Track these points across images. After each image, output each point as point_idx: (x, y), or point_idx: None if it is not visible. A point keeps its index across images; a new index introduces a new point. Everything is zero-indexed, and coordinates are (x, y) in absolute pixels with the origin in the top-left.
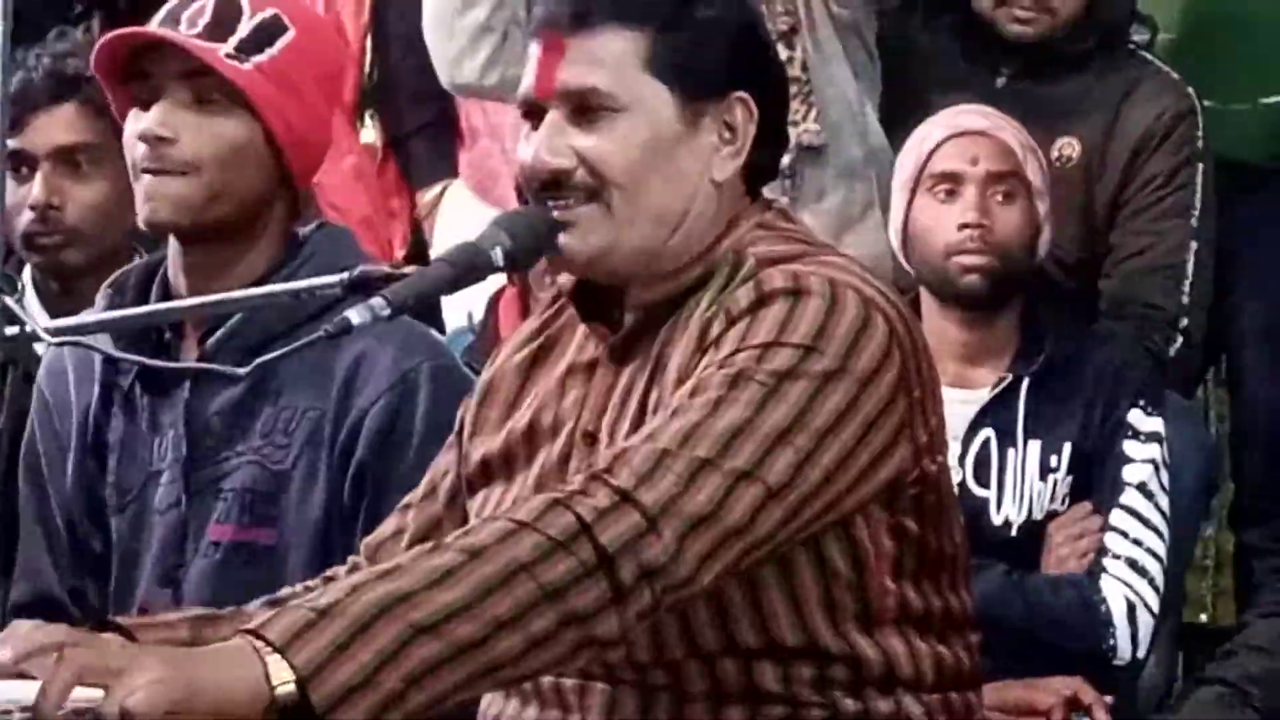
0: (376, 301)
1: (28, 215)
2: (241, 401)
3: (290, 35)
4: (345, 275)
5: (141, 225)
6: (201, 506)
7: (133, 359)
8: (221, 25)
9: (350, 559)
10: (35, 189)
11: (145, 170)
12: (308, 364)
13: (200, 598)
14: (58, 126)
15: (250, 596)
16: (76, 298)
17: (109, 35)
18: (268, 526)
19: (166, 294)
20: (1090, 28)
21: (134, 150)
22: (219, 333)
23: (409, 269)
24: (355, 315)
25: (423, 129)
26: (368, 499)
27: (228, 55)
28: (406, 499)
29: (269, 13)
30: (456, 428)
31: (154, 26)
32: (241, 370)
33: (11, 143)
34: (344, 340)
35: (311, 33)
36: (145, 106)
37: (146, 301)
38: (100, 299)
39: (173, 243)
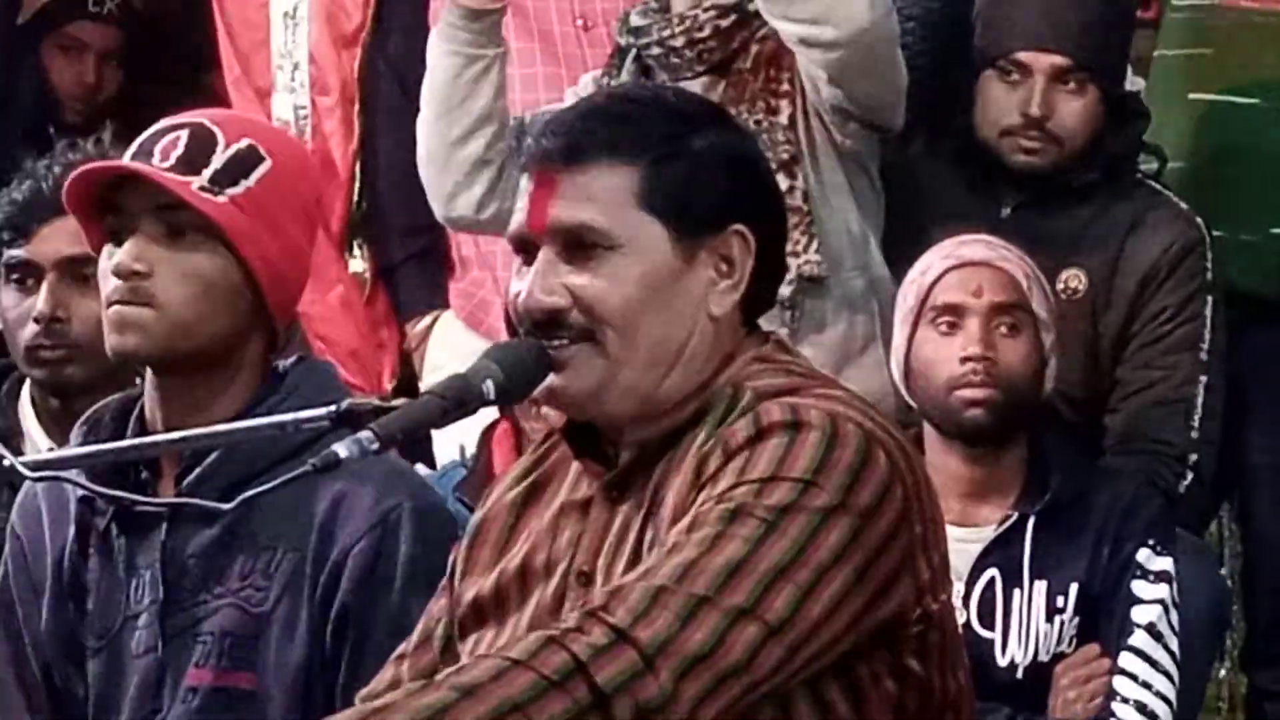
0: (365, 435)
1: (32, 328)
2: (219, 542)
3: (266, 166)
4: (333, 408)
5: (109, 354)
6: (179, 651)
7: (113, 494)
8: (195, 157)
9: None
10: (40, 301)
11: (115, 303)
12: (287, 504)
13: None
14: (65, 237)
15: None
16: (76, 417)
17: (81, 169)
18: (247, 671)
19: (143, 430)
20: (1097, 159)
21: (106, 284)
22: (197, 471)
23: (398, 402)
24: (343, 449)
25: (412, 259)
26: (350, 644)
27: (201, 188)
28: (400, 648)
29: (244, 143)
30: (449, 571)
31: (127, 158)
32: (225, 505)
33: (18, 252)
34: (323, 479)
35: (288, 162)
36: (118, 241)
37: (122, 438)
38: (75, 434)
39: (149, 376)
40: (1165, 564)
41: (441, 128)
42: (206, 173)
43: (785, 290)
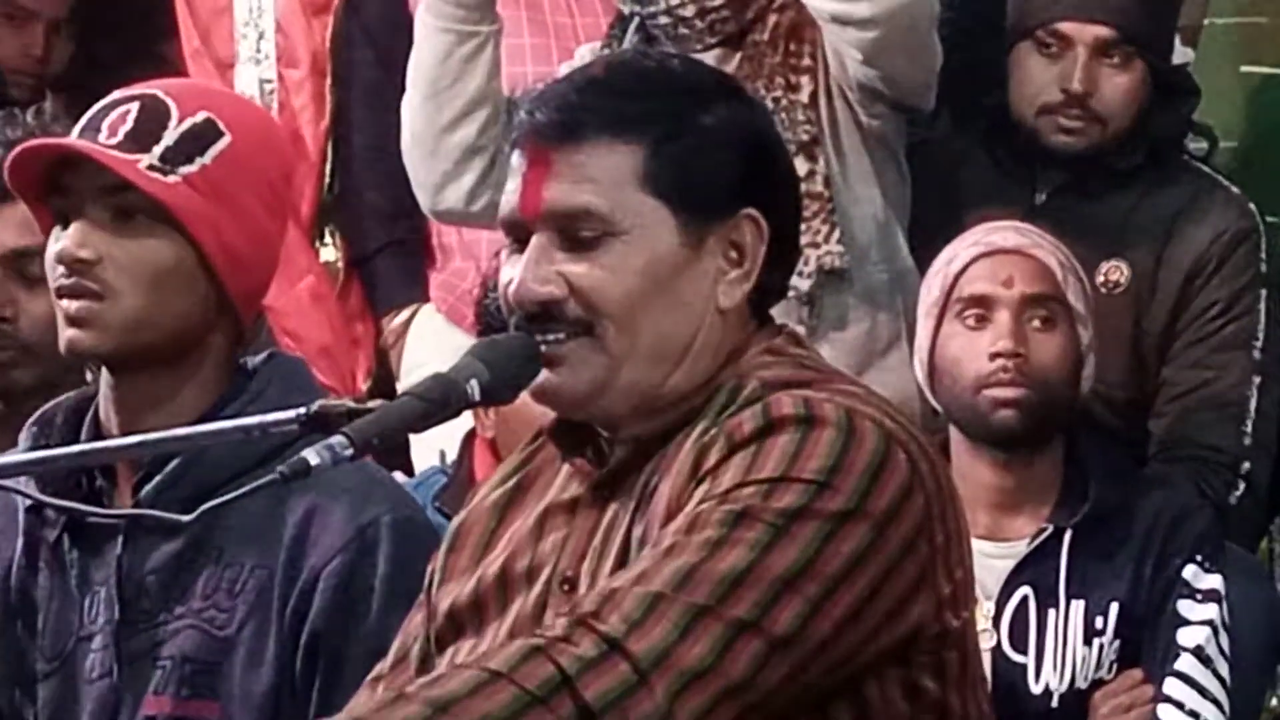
0: (337, 440)
1: None
2: (180, 557)
3: (225, 142)
4: (302, 411)
5: (62, 352)
6: (135, 676)
7: (62, 505)
8: (145, 133)
9: None
10: None
11: (63, 294)
12: (254, 517)
13: None
14: (9, 228)
15: None
16: (21, 423)
17: (20, 148)
18: (210, 699)
19: (98, 434)
20: (1141, 140)
21: (53, 272)
22: (157, 479)
23: (373, 404)
24: (314, 456)
25: (389, 247)
26: (321, 672)
27: (150, 167)
28: (375, 669)
29: (200, 117)
30: (426, 582)
31: (75, 135)
32: (186, 517)
33: None
34: (294, 489)
35: (250, 137)
36: (65, 224)
37: (75, 441)
38: (24, 437)
39: (104, 375)
40: (1214, 582)
41: (430, 111)
42: (157, 150)
43: (804, 284)
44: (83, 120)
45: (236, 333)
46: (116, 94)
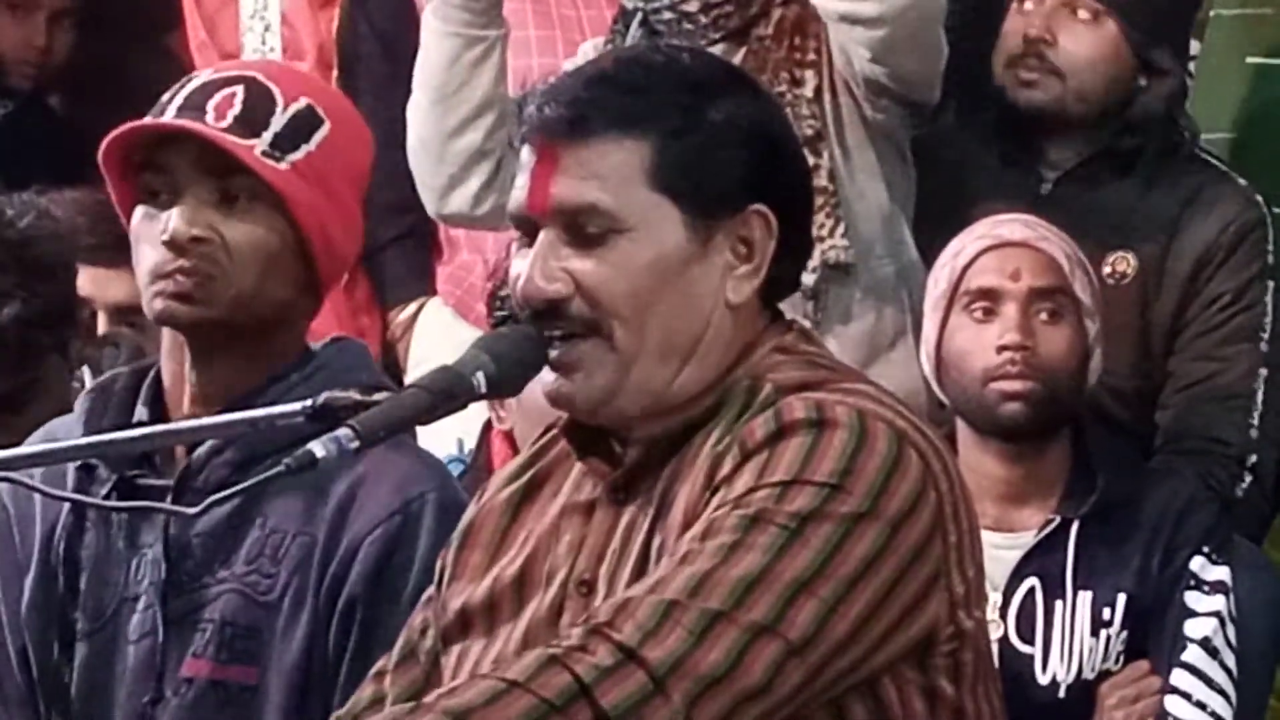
0: (343, 432)
1: None
2: (227, 522)
3: (325, 130)
4: (308, 403)
5: (152, 318)
6: (178, 637)
7: (62, 496)
8: (254, 118)
9: None
10: None
11: (171, 273)
12: (300, 485)
13: None
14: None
15: None
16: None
17: (127, 126)
18: (247, 665)
19: (159, 406)
20: (1136, 124)
21: (154, 249)
22: (210, 442)
23: (380, 396)
24: (320, 448)
25: (397, 241)
26: (355, 640)
27: (263, 153)
28: (380, 663)
29: (302, 104)
30: (435, 578)
31: (171, 113)
32: (191, 510)
33: None
34: (345, 461)
35: (345, 125)
36: (158, 203)
37: (130, 412)
38: (80, 403)
39: (182, 347)
40: (1221, 574)
41: (437, 115)
42: (267, 135)
43: (808, 278)
44: (178, 99)
45: (312, 315)
46: (210, 74)
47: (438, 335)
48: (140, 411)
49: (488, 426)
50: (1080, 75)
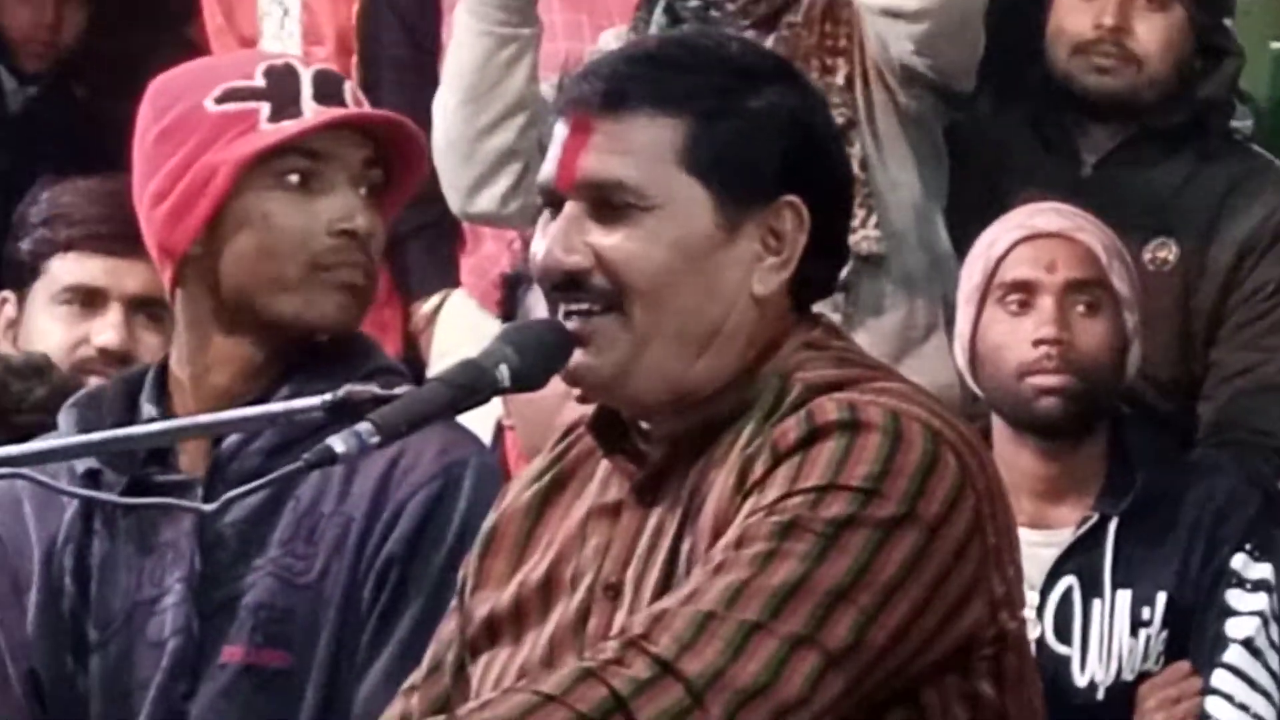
0: (364, 427)
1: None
2: (260, 508)
3: None
4: (327, 397)
5: (320, 321)
6: (214, 629)
7: (78, 493)
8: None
9: None
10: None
11: (344, 264)
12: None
13: None
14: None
15: None
16: None
17: (352, 114)
18: (282, 649)
19: (164, 397)
20: (1183, 101)
21: (326, 238)
22: (234, 435)
23: (401, 390)
24: (339, 443)
25: (419, 231)
26: (385, 598)
27: None
28: (410, 679)
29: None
30: (459, 588)
31: (313, 104)
32: (208, 507)
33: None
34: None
35: None
36: (311, 189)
37: (131, 412)
38: (66, 416)
39: (194, 339)
40: (1264, 571)
41: (467, 114)
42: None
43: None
44: (308, 89)
45: None
46: (297, 61)
47: (461, 328)
48: (148, 410)
49: (503, 424)
50: (1154, 61)
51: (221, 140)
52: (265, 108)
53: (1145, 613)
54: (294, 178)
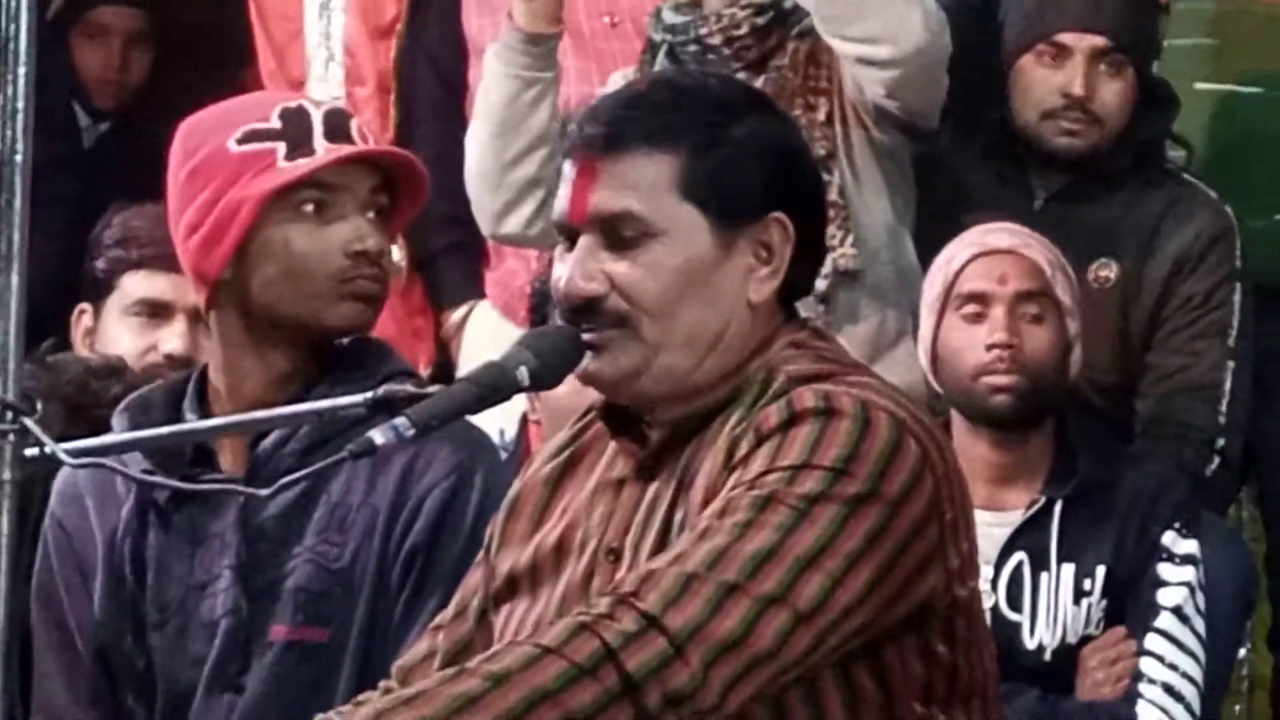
0: (400, 422)
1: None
2: (296, 503)
3: None
4: (369, 395)
5: (341, 323)
6: (261, 610)
7: (160, 482)
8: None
9: (382, 683)
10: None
11: (362, 277)
12: (361, 462)
13: (257, 698)
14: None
15: (306, 694)
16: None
17: (364, 151)
18: (321, 626)
19: (204, 400)
20: (1130, 143)
21: (342, 258)
22: (271, 436)
23: (433, 389)
24: (379, 435)
25: (449, 249)
26: (411, 584)
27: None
28: (437, 619)
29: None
30: (485, 543)
31: (323, 141)
32: (263, 492)
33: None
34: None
35: None
36: (325, 217)
37: (174, 421)
38: (119, 420)
39: (229, 353)
40: (1191, 547)
41: (496, 148)
42: None
43: (821, 284)
44: (319, 128)
45: None
46: (309, 102)
47: (486, 334)
48: (190, 416)
49: (526, 417)
50: (1114, 120)
51: (244, 178)
52: (282, 147)
53: (1087, 584)
54: (309, 208)
